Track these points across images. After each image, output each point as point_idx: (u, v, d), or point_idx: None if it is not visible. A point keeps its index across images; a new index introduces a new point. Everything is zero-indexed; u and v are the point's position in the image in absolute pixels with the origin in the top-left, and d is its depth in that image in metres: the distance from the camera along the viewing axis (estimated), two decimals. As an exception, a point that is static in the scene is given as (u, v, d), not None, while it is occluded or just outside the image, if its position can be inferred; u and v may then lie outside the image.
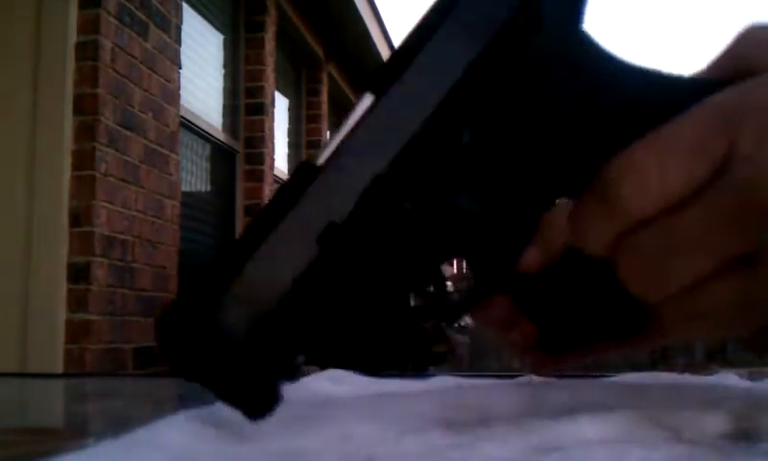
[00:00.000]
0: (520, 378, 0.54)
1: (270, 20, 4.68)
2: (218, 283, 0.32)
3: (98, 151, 2.69)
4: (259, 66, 4.59)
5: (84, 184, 2.67)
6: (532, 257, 0.36)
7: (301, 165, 0.32)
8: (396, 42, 0.35)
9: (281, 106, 5.42)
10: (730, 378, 0.52)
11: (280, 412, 0.31)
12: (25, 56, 2.72)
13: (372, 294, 0.34)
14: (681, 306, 0.30)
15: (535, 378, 0.53)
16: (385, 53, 6.47)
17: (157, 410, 0.54)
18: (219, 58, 4.45)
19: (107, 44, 2.76)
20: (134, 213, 2.94)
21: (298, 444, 0.34)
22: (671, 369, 0.46)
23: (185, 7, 3.60)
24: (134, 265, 2.93)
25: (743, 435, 0.33)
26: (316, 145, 5.95)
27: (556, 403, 0.40)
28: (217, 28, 4.43)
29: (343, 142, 0.32)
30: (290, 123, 5.76)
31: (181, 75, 3.42)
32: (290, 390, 0.31)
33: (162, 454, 0.31)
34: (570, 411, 0.38)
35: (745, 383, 0.52)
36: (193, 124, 3.85)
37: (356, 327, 0.34)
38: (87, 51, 2.72)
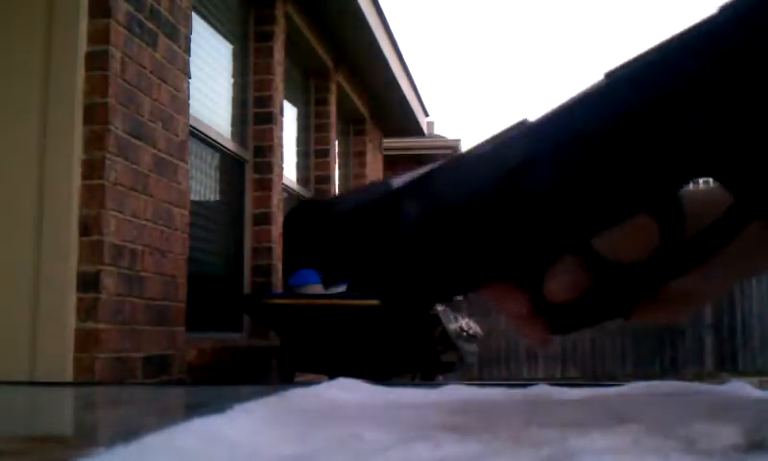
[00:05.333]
0: (530, 388, 0.53)
1: (278, 30, 4.70)
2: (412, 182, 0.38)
3: (108, 160, 2.70)
4: (268, 76, 4.60)
5: (94, 193, 2.68)
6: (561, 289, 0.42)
7: (519, 121, 0.39)
8: (404, 51, 0.39)
9: (290, 115, 5.44)
10: (741, 388, 0.51)
11: (293, 419, 0.31)
12: (36, 65, 2.74)
13: (529, 243, 0.38)
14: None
15: (545, 387, 0.53)
16: (393, 61, 6.49)
17: (167, 418, 0.54)
18: (228, 67, 4.47)
19: (116, 54, 2.78)
20: (144, 222, 2.95)
21: (312, 447, 0.34)
22: (681, 378, 0.46)
23: (195, 17, 3.62)
24: (144, 274, 2.94)
25: (756, 446, 0.33)
26: (324, 154, 5.96)
27: (567, 414, 0.40)
28: (226, 38, 4.44)
29: (559, 107, 0.37)
30: (298, 132, 5.78)
31: (191, 84, 3.43)
32: (301, 399, 0.31)
33: (175, 458, 0.31)
34: (581, 422, 0.37)
35: (757, 393, 0.52)
36: (202, 133, 3.86)
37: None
38: (97, 61, 2.73)
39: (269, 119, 4.58)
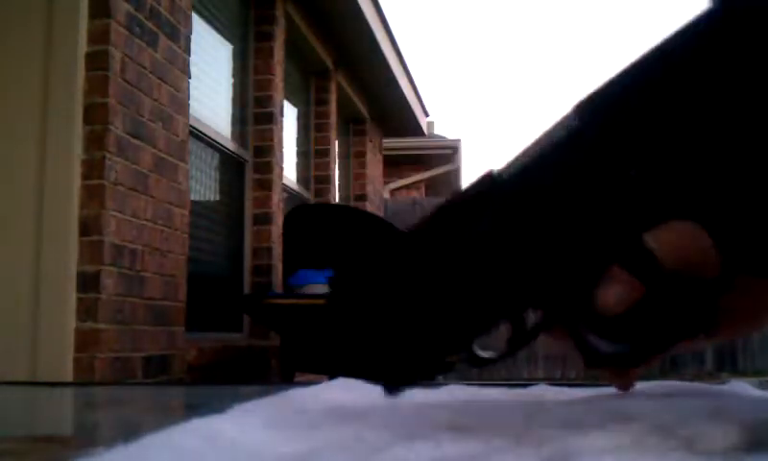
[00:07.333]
0: (530, 388, 0.54)
1: (279, 30, 4.70)
2: None
3: (108, 160, 2.70)
4: (268, 76, 4.60)
5: (94, 193, 2.68)
6: (614, 297, 0.39)
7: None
8: (404, 51, 0.39)
9: (290, 115, 5.43)
10: (742, 388, 0.51)
11: (293, 419, 0.31)
12: (36, 65, 2.74)
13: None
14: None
15: (545, 387, 0.53)
16: (393, 61, 6.48)
17: (167, 418, 0.54)
18: (228, 67, 4.47)
19: (117, 54, 2.78)
20: (144, 222, 2.95)
21: (312, 446, 0.34)
22: (681, 378, 0.46)
23: (195, 17, 3.62)
24: (144, 274, 2.94)
25: (756, 446, 0.33)
26: (324, 154, 5.96)
27: (567, 413, 0.40)
28: (226, 38, 4.44)
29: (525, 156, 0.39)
30: (299, 132, 5.77)
31: (191, 84, 3.43)
32: (301, 399, 0.31)
33: (175, 458, 0.31)
34: (581, 421, 0.37)
35: (756, 392, 0.52)
36: (202, 133, 3.86)
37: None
38: (98, 61, 2.73)
39: (269, 119, 4.57)
